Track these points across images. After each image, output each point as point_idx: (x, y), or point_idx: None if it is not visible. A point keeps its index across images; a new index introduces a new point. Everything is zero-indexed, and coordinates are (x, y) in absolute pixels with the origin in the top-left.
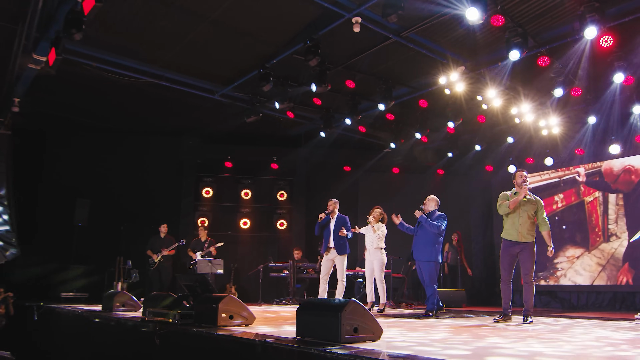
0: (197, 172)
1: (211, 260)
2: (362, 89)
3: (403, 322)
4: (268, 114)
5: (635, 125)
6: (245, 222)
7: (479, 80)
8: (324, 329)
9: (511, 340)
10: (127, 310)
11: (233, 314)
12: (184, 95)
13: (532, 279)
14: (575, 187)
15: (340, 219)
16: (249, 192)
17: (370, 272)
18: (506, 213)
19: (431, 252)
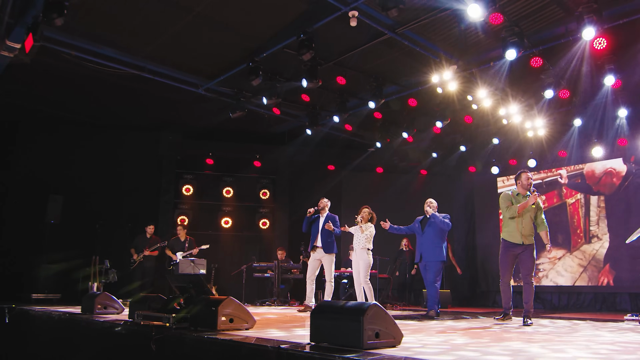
0: (177, 168)
1: (194, 260)
2: (350, 87)
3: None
4: (253, 110)
5: (619, 128)
6: (227, 221)
7: (470, 80)
8: (343, 335)
9: (540, 345)
10: (110, 312)
11: (233, 317)
12: (165, 89)
13: (532, 280)
14: (558, 189)
15: (329, 217)
16: (231, 190)
17: (357, 273)
18: (513, 217)
19: (440, 252)
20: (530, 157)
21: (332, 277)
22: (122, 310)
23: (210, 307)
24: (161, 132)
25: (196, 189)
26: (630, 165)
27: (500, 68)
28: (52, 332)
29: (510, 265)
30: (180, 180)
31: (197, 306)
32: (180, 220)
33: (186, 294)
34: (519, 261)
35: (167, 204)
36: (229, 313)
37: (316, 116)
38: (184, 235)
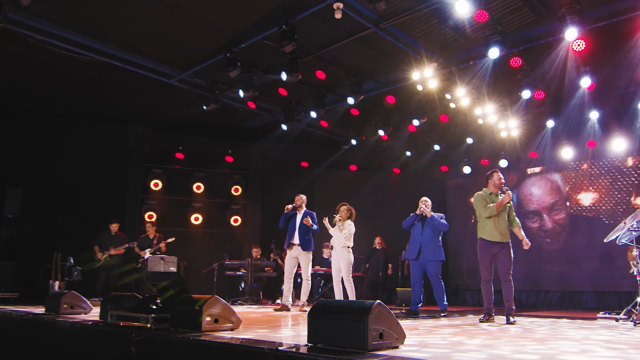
0: (145, 162)
1: (164, 258)
2: (327, 82)
3: None
4: (227, 103)
5: (591, 130)
6: (197, 218)
7: (449, 78)
8: (346, 335)
9: (552, 345)
10: (77, 312)
11: (219, 317)
12: (134, 79)
13: (510, 278)
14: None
15: (307, 214)
16: (202, 186)
17: (337, 272)
18: (490, 216)
19: (440, 252)
20: (502, 157)
21: (309, 275)
22: (90, 310)
23: (194, 306)
24: (129, 124)
25: (165, 184)
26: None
27: (480, 67)
28: (13, 335)
29: (490, 263)
30: (148, 175)
31: (178, 305)
32: (148, 216)
33: (164, 293)
34: (497, 260)
35: (135, 199)
36: (214, 313)
37: (292, 111)
38: (153, 232)
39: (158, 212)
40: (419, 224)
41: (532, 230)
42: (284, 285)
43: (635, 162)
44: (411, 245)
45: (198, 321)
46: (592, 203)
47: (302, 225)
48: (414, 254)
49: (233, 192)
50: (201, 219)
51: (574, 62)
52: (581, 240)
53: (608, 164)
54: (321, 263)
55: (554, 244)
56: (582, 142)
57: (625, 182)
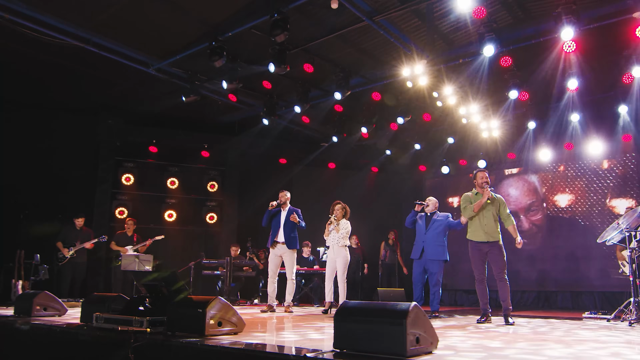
0: (117, 155)
1: (138, 256)
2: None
3: None
4: (205, 95)
5: (572, 133)
6: (171, 214)
7: (437, 76)
8: (380, 340)
9: (569, 346)
10: (51, 314)
11: (222, 320)
12: (106, 67)
13: (506, 277)
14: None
15: (292, 211)
16: (176, 181)
17: (332, 271)
18: (471, 216)
19: (444, 251)
20: (480, 157)
21: (294, 274)
22: (65, 312)
23: (196, 308)
24: (100, 115)
25: (137, 178)
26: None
27: (470, 66)
28: None
29: (482, 263)
30: (119, 169)
31: (177, 307)
32: (119, 212)
33: (156, 293)
34: (489, 260)
35: (105, 194)
36: (217, 315)
37: (274, 105)
38: (132, 230)
39: (130, 208)
40: (423, 223)
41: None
42: (269, 286)
43: (610, 164)
44: (415, 245)
45: (201, 324)
46: (568, 204)
47: (287, 223)
48: (417, 253)
49: (209, 188)
50: (175, 216)
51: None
52: (557, 241)
53: (584, 166)
54: (301, 262)
55: (530, 244)
56: (560, 144)
57: (601, 185)
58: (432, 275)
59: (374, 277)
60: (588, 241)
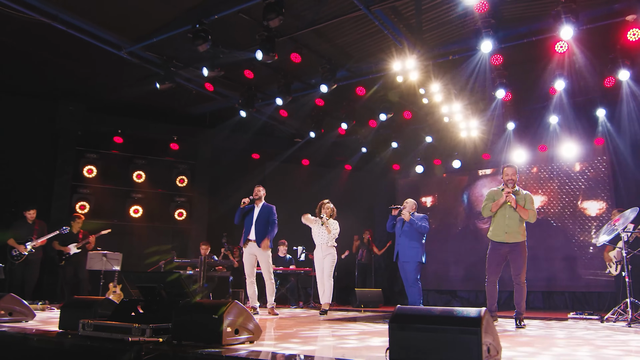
0: (78, 145)
1: (106, 254)
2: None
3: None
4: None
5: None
6: (137, 210)
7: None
8: (450, 351)
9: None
10: (18, 319)
11: (239, 327)
12: (69, 48)
13: (524, 280)
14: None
15: (266, 208)
16: (143, 175)
17: (321, 271)
18: (489, 216)
19: (416, 253)
20: (455, 157)
21: (272, 274)
22: (33, 317)
23: (211, 314)
24: (60, 101)
25: (101, 170)
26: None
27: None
28: None
29: (497, 265)
30: (81, 160)
31: (186, 312)
32: (80, 206)
33: (152, 297)
34: (509, 260)
35: (63, 187)
36: (234, 322)
37: (252, 97)
38: (78, 227)
39: (91, 203)
40: (399, 225)
41: (482, 231)
42: (248, 287)
43: (582, 167)
44: (395, 248)
45: (217, 333)
46: (541, 206)
47: (260, 220)
48: (395, 256)
49: (178, 183)
50: (142, 212)
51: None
52: (529, 241)
53: (557, 168)
54: (277, 262)
55: None
56: (534, 146)
57: (573, 187)
58: (407, 276)
59: (350, 277)
60: (560, 242)
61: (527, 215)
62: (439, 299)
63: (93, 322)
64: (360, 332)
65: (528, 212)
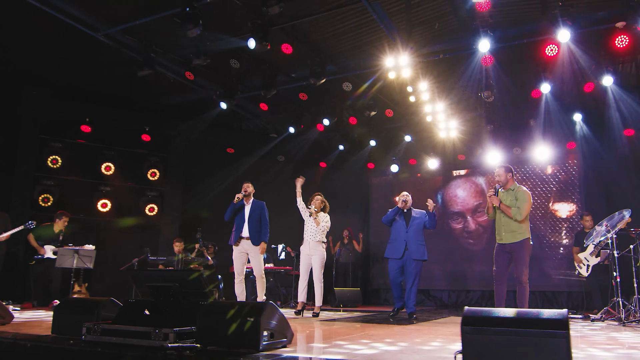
0: (42, 133)
1: (78, 250)
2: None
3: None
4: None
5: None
6: (105, 204)
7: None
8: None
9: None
10: None
11: (275, 331)
12: (35, 28)
13: (525, 280)
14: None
15: (257, 205)
16: (112, 167)
17: (307, 268)
18: (492, 218)
19: (424, 251)
20: (431, 157)
21: (263, 271)
22: (12, 319)
23: (246, 316)
24: (23, 86)
25: (66, 161)
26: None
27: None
28: None
29: (502, 265)
30: (45, 149)
31: (211, 315)
32: (43, 199)
33: (166, 298)
34: (513, 261)
35: (25, 177)
36: (270, 326)
37: (233, 88)
38: (62, 226)
39: (56, 195)
40: (402, 221)
41: (455, 231)
42: (236, 287)
43: (554, 170)
44: (394, 243)
45: (254, 337)
46: None
47: (252, 217)
48: (398, 252)
49: (149, 176)
50: (110, 206)
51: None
52: None
53: (530, 170)
54: None
55: (476, 244)
56: (509, 148)
57: (545, 189)
58: (410, 275)
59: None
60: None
61: (510, 213)
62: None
63: (102, 326)
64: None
65: (510, 210)
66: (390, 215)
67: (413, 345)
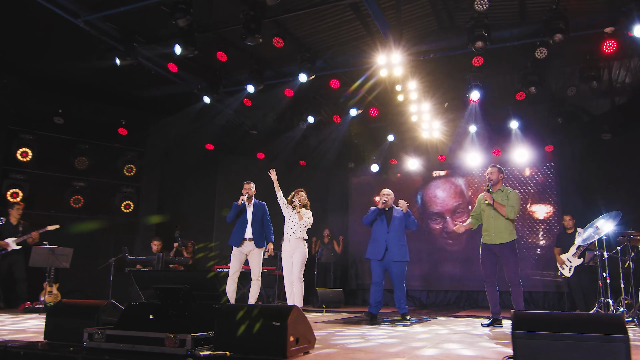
0: (11, 124)
1: (54, 249)
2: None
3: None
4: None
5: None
6: (78, 200)
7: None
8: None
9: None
10: None
11: (300, 335)
12: (11, 9)
13: (518, 280)
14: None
15: (259, 206)
16: (86, 161)
17: (290, 268)
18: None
19: (406, 251)
20: (412, 157)
21: (260, 274)
22: None
23: (271, 320)
24: None
25: (37, 154)
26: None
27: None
28: None
29: (490, 266)
30: (14, 141)
31: (230, 319)
32: (12, 193)
33: (174, 300)
34: (501, 262)
35: None
36: (296, 330)
37: (218, 82)
38: (17, 217)
39: (26, 190)
40: (383, 221)
41: (435, 232)
42: (228, 285)
43: (532, 172)
44: (375, 244)
45: (282, 343)
46: None
47: (256, 219)
48: (379, 253)
49: (125, 172)
50: (83, 202)
51: None
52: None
53: (508, 172)
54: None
55: (455, 245)
56: (489, 150)
57: (523, 191)
58: (395, 277)
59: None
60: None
61: (504, 211)
62: (391, 299)
63: (107, 331)
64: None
65: (504, 208)
66: (371, 216)
67: (449, 352)
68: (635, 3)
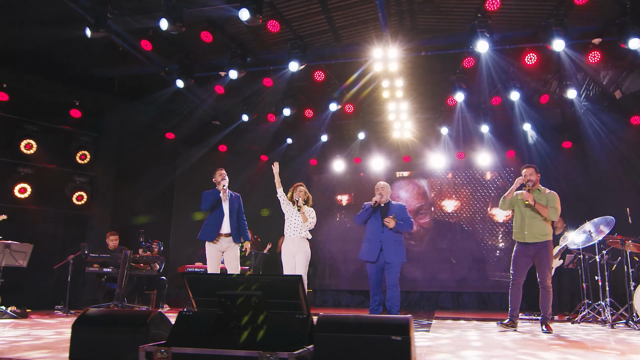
0: None
1: (9, 245)
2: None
3: None
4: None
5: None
6: (24, 189)
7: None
8: None
9: None
10: None
11: (414, 349)
12: None
13: (549, 284)
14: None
15: (235, 198)
16: (33, 144)
17: (292, 269)
18: (506, 209)
19: (403, 251)
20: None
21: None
22: None
23: (389, 333)
24: None
25: None
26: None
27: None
28: None
29: (524, 267)
30: None
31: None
32: None
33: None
34: (535, 262)
35: None
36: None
37: (192, 66)
38: None
39: None
40: (378, 219)
41: None
42: None
43: (492, 176)
44: (369, 244)
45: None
46: (454, 210)
47: (233, 212)
48: (373, 255)
49: (78, 159)
50: (30, 191)
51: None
52: (442, 243)
53: (470, 175)
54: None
55: (417, 246)
56: (452, 153)
57: (484, 194)
58: (391, 277)
59: None
60: (470, 245)
61: (546, 213)
62: (352, 300)
63: (173, 349)
64: None
65: (547, 209)
66: (364, 215)
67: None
68: (554, 18)
